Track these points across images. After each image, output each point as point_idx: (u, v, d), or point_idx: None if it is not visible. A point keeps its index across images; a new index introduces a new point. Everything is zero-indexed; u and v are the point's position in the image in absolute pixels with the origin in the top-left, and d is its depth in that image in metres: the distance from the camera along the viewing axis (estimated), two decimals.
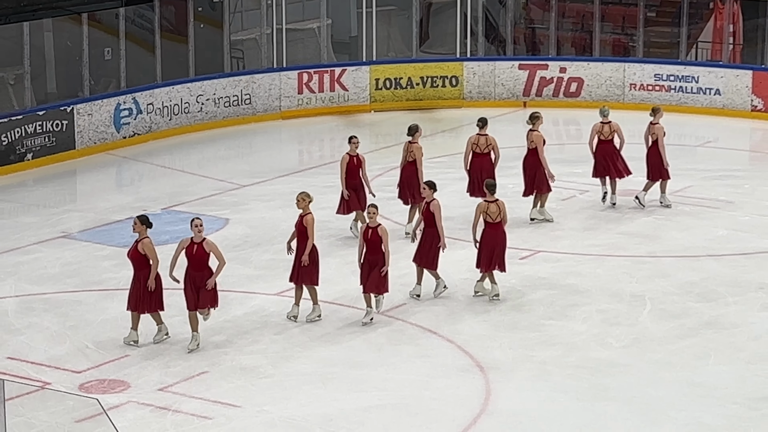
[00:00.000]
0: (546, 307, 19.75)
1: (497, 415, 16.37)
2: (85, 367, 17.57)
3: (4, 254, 22.37)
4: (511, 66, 32.87)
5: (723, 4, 32.65)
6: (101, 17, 30.08)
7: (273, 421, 16.08)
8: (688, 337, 18.63)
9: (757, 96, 31.07)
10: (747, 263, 21.45)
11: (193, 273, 18.05)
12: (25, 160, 27.51)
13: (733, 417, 16.20)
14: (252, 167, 27.79)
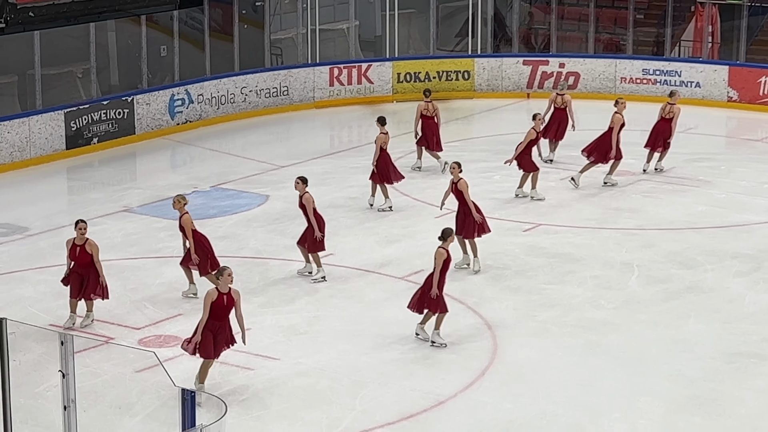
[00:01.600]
0: (546, 274, 19.73)
1: (503, 367, 16.36)
2: (143, 324, 17.63)
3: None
4: (516, 62, 32.80)
5: (703, 8, 32.52)
6: (158, 18, 30.07)
7: (307, 372, 16.10)
8: (671, 300, 18.59)
9: (732, 88, 30.99)
10: (723, 235, 21.39)
11: (215, 322, 15.20)
12: (92, 143, 27.56)
13: (710, 370, 16.18)
14: (289, 150, 27.78)
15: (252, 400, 15.33)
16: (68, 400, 9.62)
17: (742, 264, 20.03)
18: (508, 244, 20.97)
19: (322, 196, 23.81)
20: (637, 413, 15.07)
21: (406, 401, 15.31)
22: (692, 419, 14.87)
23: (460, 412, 15.12)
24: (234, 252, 20.62)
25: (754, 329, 17.51)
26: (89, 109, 27.62)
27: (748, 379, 15.95)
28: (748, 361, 16.45)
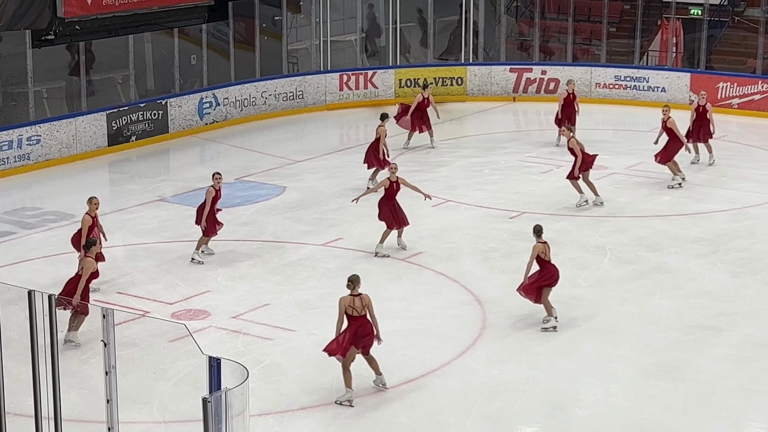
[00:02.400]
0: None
1: (491, 338, 16.38)
2: (175, 300, 17.63)
3: (114, 213, 22.42)
4: (504, 69, 32.75)
5: (668, 21, 32.49)
6: (188, 31, 30.10)
7: (320, 342, 16.02)
8: (639, 279, 18.59)
9: (693, 92, 30.92)
10: (685, 222, 21.39)
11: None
12: (130, 141, 27.54)
13: (673, 340, 16.19)
14: (304, 147, 27.77)
15: (271, 366, 15.35)
16: (109, 366, 9.62)
17: (701, 247, 20.03)
18: (496, 230, 20.98)
19: (333, 187, 23.88)
20: (609, 378, 15.10)
21: (407, 368, 15.33)
22: (658, 383, 14.88)
23: (454, 377, 15.15)
24: (255, 236, 20.65)
25: (712, 304, 17.53)
26: (128, 111, 27.60)
27: (706, 349, 15.97)
28: (706, 333, 16.47)
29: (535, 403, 14.41)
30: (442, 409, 14.28)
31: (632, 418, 14.03)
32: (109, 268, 19.10)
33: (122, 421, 9.92)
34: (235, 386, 8.92)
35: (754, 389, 14.75)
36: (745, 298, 17.75)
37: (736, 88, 30.58)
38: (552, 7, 34.30)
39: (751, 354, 15.78)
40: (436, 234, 20.78)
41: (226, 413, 8.81)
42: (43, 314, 10.15)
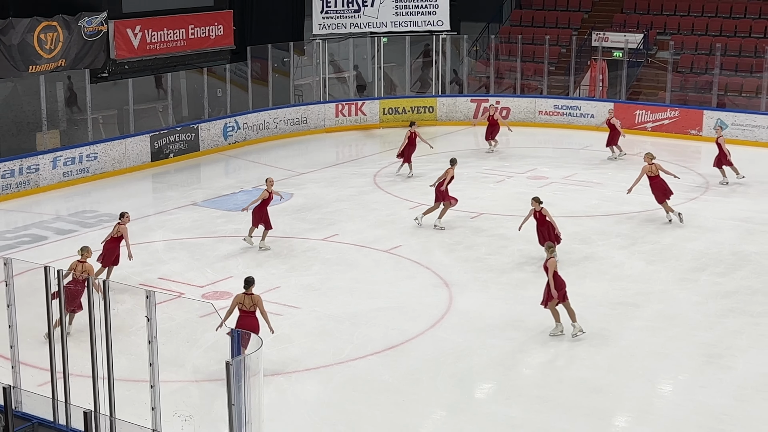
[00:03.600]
0: (487, 247, 19.73)
1: (456, 313, 16.38)
2: (204, 283, 17.58)
3: (156, 215, 22.39)
4: (466, 100, 32.74)
5: (596, 62, 32.52)
6: (215, 69, 30.06)
7: (320, 317, 16.10)
8: (573, 266, 18.58)
9: (616, 118, 30.90)
10: (609, 220, 21.42)
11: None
12: (169, 157, 27.45)
13: (600, 315, 16.21)
14: (307, 162, 27.72)
15: (281, 336, 15.30)
16: (151, 336, 9.59)
17: (623, 241, 20.05)
18: (460, 228, 20.98)
19: (331, 194, 23.83)
20: (550, 344, 15.10)
21: (389, 337, 15.31)
22: (588, 349, 14.89)
23: (426, 344, 15.14)
24: (270, 232, 20.58)
25: (631, 286, 17.55)
26: (167, 133, 27.52)
27: (626, 321, 15.99)
28: (626, 308, 16.49)
29: (491, 365, 14.42)
30: (417, 369, 14.27)
31: (568, 375, 14.03)
32: (153, 259, 19.07)
33: (162, 380, 9.89)
34: (251, 352, 8.90)
35: (665, 353, 14.78)
36: (657, 281, 17.78)
37: (650, 114, 30.62)
38: (504, 51, 34.30)
39: (662, 325, 15.80)
40: (413, 231, 20.76)
41: (244, 374, 8.79)
42: (98, 296, 10.12)
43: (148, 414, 9.79)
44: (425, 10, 32.72)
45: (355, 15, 32.41)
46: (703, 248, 19.44)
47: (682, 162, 26.30)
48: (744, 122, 29.06)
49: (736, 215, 21.70)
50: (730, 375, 14.01)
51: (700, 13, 34.30)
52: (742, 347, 14.92)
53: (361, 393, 13.54)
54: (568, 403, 13.14)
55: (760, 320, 15.92)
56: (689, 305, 16.58)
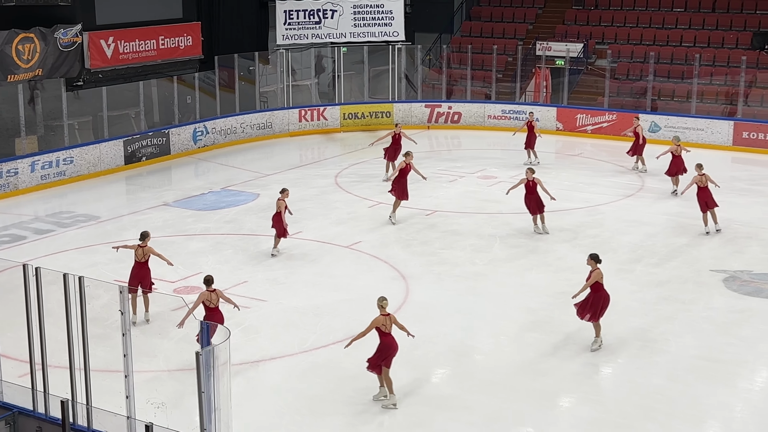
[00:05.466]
0: (440, 242, 19.79)
1: (413, 304, 16.40)
2: (176, 279, 17.47)
3: (130, 215, 22.19)
4: (420, 105, 32.81)
5: (540, 69, 32.73)
6: (185, 78, 29.85)
7: (286, 309, 16.06)
8: (521, 258, 18.72)
9: (559, 122, 31.24)
10: (553, 216, 21.49)
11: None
12: (142, 160, 27.23)
13: (545, 303, 16.33)
14: (273, 164, 27.63)
15: (249, 327, 15.27)
16: (125, 329, 9.53)
17: (565, 235, 20.21)
18: (416, 224, 21.03)
19: (295, 194, 23.72)
20: (499, 332, 15.19)
21: (350, 327, 15.25)
22: (534, 335, 15.00)
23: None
24: (236, 231, 20.50)
25: (573, 276, 17.63)
26: (140, 138, 27.29)
27: (569, 309, 16.02)
28: (568, 297, 16.54)
29: (445, 352, 14.46)
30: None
31: (516, 360, 14.12)
32: (127, 256, 18.88)
33: (136, 370, 9.82)
34: (220, 343, 8.86)
35: (604, 338, 14.89)
36: None
37: (590, 118, 30.88)
38: (455, 60, 34.42)
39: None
40: (371, 228, 20.78)
41: (213, 364, 8.76)
42: (75, 292, 10.02)
43: (123, 402, 9.72)
44: (382, 22, 32.74)
45: (316, 26, 32.36)
46: (638, 241, 19.64)
47: (619, 162, 26.54)
48: (676, 125, 29.40)
49: (668, 210, 21.95)
50: (664, 358, 14.18)
51: (635, 25, 34.65)
52: (674, 332, 15.11)
53: (323, 380, 13.52)
54: (516, 386, 13.23)
55: (691, 307, 16.13)
56: (626, 294, 16.74)
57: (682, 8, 34.28)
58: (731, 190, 23.41)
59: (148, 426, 9.02)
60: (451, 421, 12.32)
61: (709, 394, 12.96)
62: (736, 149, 28.36)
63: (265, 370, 13.81)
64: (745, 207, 22.21)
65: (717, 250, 18.96)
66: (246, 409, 12.40)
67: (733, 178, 24.70)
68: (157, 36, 28.24)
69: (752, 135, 28.32)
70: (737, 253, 18.85)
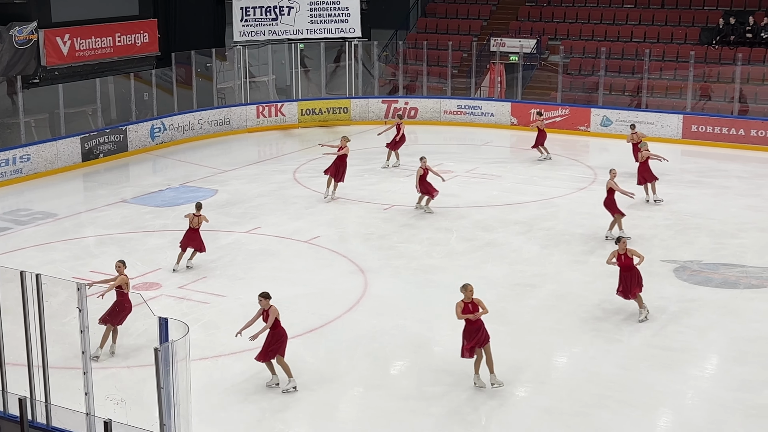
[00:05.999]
0: (398, 236, 19.81)
1: (371, 297, 16.43)
2: (135, 276, 17.29)
3: (88, 212, 21.94)
4: (378, 101, 32.78)
5: (494, 65, 32.86)
6: (142, 75, 29.56)
7: (245, 304, 15.95)
8: (477, 251, 18.81)
9: (513, 116, 31.38)
10: (508, 209, 21.69)
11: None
12: (99, 157, 26.91)
13: (501, 294, 16.43)
14: (231, 160, 27.47)
15: (208, 323, 15.19)
16: (83, 326, 9.42)
17: (520, 228, 20.33)
18: (374, 219, 21.04)
19: (253, 189, 23.67)
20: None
21: (309, 321, 15.29)
22: (491, 326, 14.94)
23: (344, 327, 15.16)
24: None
25: (528, 268, 17.83)
26: (97, 135, 26.98)
27: (524, 300, 16.23)
28: (524, 288, 16.74)
29: (403, 344, 14.50)
30: (336, 350, 14.29)
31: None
32: (84, 253, 18.70)
33: (94, 367, 9.72)
34: (179, 339, 8.80)
35: (558, 328, 15.05)
36: (551, 263, 18.09)
37: (544, 112, 31.09)
38: (411, 56, 34.47)
39: (556, 303, 16.08)
40: (330, 222, 20.76)
41: (172, 359, 8.69)
42: (32, 289, 9.89)
43: (82, 399, 9.61)
44: (338, 19, 32.67)
45: (272, 23, 32.21)
46: (591, 233, 19.82)
47: (572, 155, 26.77)
48: (627, 119, 29.68)
49: (620, 203, 22.13)
50: (617, 346, 14.34)
51: (587, 21, 34.94)
52: (627, 321, 15.27)
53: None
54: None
55: (643, 296, 16.25)
56: (580, 285, 16.90)
57: (632, 4, 34.64)
58: (681, 182, 23.72)
59: (107, 422, 8.92)
60: (410, 413, 12.36)
61: (660, 382, 13.13)
62: (686, 142, 28.72)
63: (225, 365, 13.74)
64: (695, 198, 22.52)
65: (668, 240, 19.19)
66: (206, 404, 12.33)
67: (683, 170, 25.02)
68: (114, 33, 27.94)
69: (701, 128, 28.70)
70: (687, 244, 19.11)
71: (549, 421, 12.16)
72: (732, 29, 31.73)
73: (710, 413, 12.32)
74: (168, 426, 8.73)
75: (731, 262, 17.98)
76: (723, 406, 12.46)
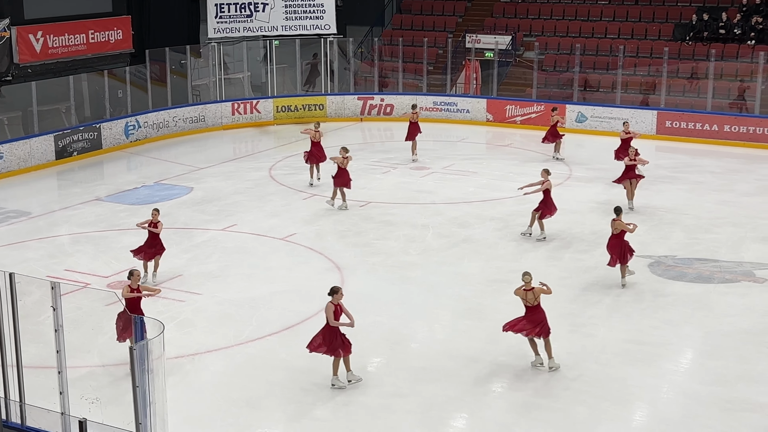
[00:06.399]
0: (375, 233, 19.80)
1: (347, 294, 16.25)
2: (109, 274, 17.20)
3: (62, 210, 21.77)
4: (353, 98, 32.76)
5: (470, 62, 32.92)
6: (116, 72, 29.37)
7: (221, 302, 15.92)
8: (453, 247, 18.83)
9: (489, 113, 31.45)
10: (485, 206, 21.74)
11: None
12: (73, 155, 26.71)
13: (477, 291, 16.46)
14: (206, 157, 27.34)
15: (184, 321, 15.11)
16: (58, 325, 9.35)
17: (496, 224, 20.38)
18: (350, 215, 21.01)
19: (228, 187, 23.58)
20: (433, 319, 15.27)
21: (285, 318, 15.26)
22: (467, 322, 15.11)
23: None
24: (170, 224, 20.20)
25: (504, 264, 17.86)
26: (71, 133, 26.79)
27: (501, 296, 16.25)
28: (500, 285, 16.76)
29: (379, 340, 14.49)
30: None
31: (450, 347, 14.21)
32: (59, 252, 18.57)
33: (69, 366, 9.65)
34: (154, 337, 8.75)
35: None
36: (527, 259, 18.13)
37: (519, 109, 31.18)
38: (386, 52, 34.44)
39: None
40: (306, 220, 20.71)
41: (147, 358, 8.65)
42: (5, 289, 9.80)
43: (57, 398, 9.54)
44: (313, 15, 32.60)
45: (247, 20, 32.09)
46: (567, 228, 19.91)
47: (548, 152, 26.85)
48: (602, 114, 29.87)
49: (595, 198, 22.29)
50: (592, 341, 14.41)
51: (562, 17, 35.07)
52: (602, 316, 15.36)
53: (260, 371, 13.45)
54: (449, 373, 13.31)
55: (618, 291, 16.41)
56: (555, 280, 16.91)
57: (606, 1, 34.80)
58: (655, 178, 23.86)
59: (82, 421, 8.86)
60: (387, 409, 12.36)
61: (636, 376, 13.21)
62: (660, 138, 28.90)
63: (201, 363, 13.68)
64: (669, 194, 22.67)
65: (642, 236, 19.30)
66: (182, 402, 12.27)
67: (657, 166, 25.16)
68: (87, 30, 27.76)
69: (675, 124, 28.89)
70: (662, 239, 19.23)
71: (525, 415, 12.20)
72: (705, 25, 31.95)
73: (685, 407, 12.41)
74: (144, 425, 8.68)
75: (705, 257, 18.11)
76: (698, 400, 12.55)
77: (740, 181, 24.05)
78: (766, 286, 16.59)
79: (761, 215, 20.87)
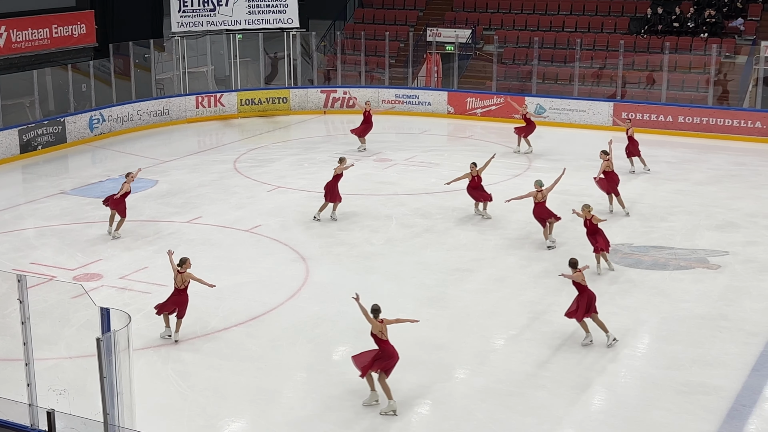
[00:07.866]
0: (339, 225, 19.79)
1: (313, 284, 16.40)
2: (75, 267, 17.05)
3: (27, 203, 21.52)
4: (316, 91, 32.69)
5: (431, 55, 32.98)
6: (80, 66, 29.04)
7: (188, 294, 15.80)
8: (416, 238, 18.88)
9: (450, 105, 31.53)
10: (446, 196, 21.80)
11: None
12: (37, 149, 26.40)
13: (440, 280, 16.53)
14: (171, 150, 27.16)
15: (150, 312, 14.99)
16: (24, 318, 9.24)
17: (457, 214, 20.47)
18: (315, 208, 20.93)
19: (193, 179, 23.43)
20: (397, 308, 15.19)
21: (252, 308, 15.23)
22: (430, 310, 15.17)
23: (287, 314, 15.12)
24: (136, 217, 20.08)
25: (466, 254, 17.96)
26: (35, 127, 26.46)
27: (463, 285, 16.35)
28: (462, 273, 16.86)
29: (345, 330, 14.51)
30: (278, 337, 14.25)
31: (413, 335, 14.22)
32: (24, 245, 18.35)
33: (36, 358, 9.55)
34: (120, 328, 8.69)
35: (496, 311, 15.21)
36: (489, 249, 18.25)
37: (479, 101, 31.29)
38: (349, 46, 34.40)
39: (493, 287, 16.24)
40: (271, 211, 20.66)
41: (114, 349, 8.59)
42: None
43: (25, 390, 9.44)
44: (276, 9, 32.44)
45: (210, 14, 31.87)
46: (527, 218, 20.01)
47: (508, 143, 26.99)
48: (560, 107, 30.08)
49: (555, 188, 22.40)
50: (552, 328, 14.54)
51: (520, 11, 35.24)
52: (561, 303, 15.48)
53: (227, 361, 13.41)
54: (414, 360, 13.37)
55: None
56: (516, 268, 17.10)
57: None
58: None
59: (50, 413, 8.79)
60: (353, 396, 12.38)
61: (594, 361, 13.35)
62: (616, 129, 29.16)
63: (169, 354, 13.61)
64: (624, 183, 22.86)
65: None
66: (150, 394, 12.20)
67: (615, 156, 25.34)
68: (50, 25, 27.44)
69: (630, 115, 29.16)
70: (619, 227, 19.42)
71: (487, 401, 12.29)
72: (660, 19, 32.27)
73: (642, 391, 12.57)
74: (111, 415, 8.63)
75: (661, 245, 18.33)
76: (654, 384, 12.72)
77: (694, 170, 24.35)
78: (719, 272, 16.84)
79: (715, 204, 21.16)
